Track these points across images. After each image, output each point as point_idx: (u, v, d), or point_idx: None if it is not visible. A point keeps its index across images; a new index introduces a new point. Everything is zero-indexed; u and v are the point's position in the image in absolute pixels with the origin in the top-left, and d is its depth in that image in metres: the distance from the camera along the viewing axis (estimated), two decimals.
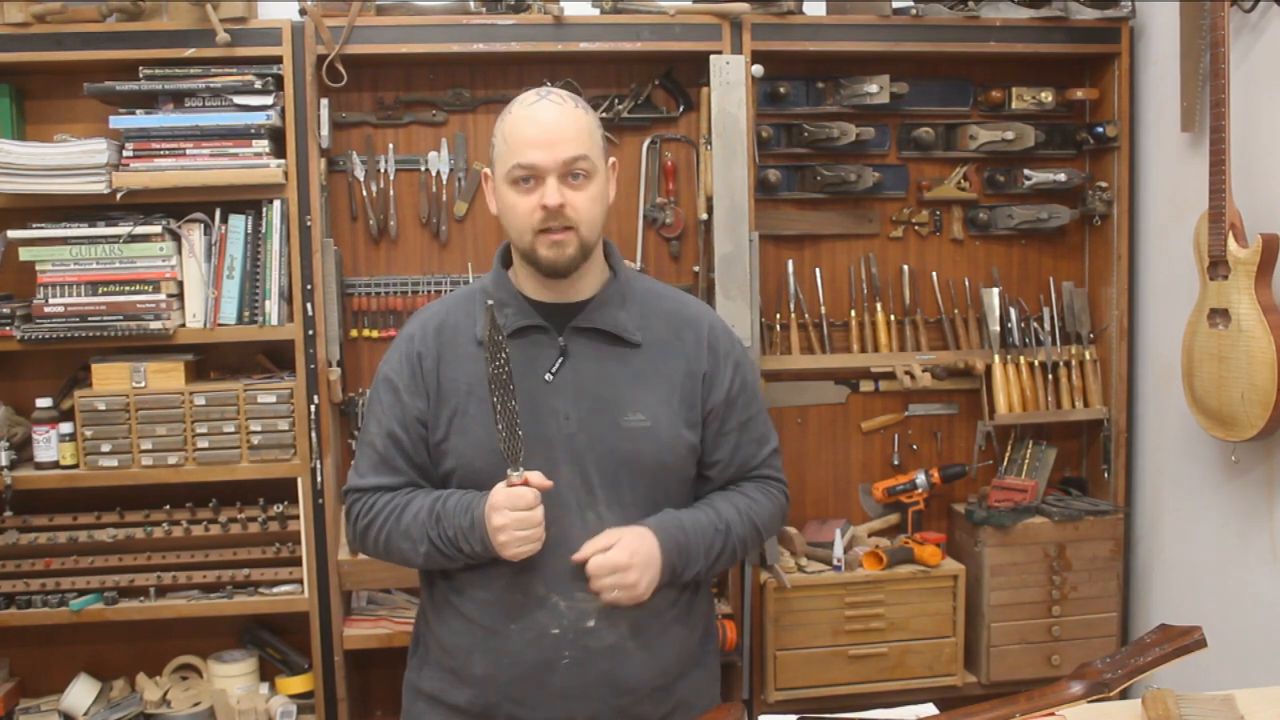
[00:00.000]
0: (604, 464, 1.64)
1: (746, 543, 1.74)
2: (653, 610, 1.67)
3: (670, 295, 1.79)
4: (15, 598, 2.72)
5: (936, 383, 3.08)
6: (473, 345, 1.67)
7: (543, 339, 1.67)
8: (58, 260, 2.64)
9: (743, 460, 1.77)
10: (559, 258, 1.61)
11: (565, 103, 1.63)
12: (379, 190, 2.96)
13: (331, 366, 2.76)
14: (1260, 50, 2.53)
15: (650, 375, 1.68)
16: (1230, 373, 2.49)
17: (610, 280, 1.72)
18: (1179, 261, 2.83)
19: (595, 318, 1.68)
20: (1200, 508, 2.83)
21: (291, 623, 2.90)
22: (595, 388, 1.65)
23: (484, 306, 1.58)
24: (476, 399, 1.64)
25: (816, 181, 3.03)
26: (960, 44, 2.94)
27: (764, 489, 1.79)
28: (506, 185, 1.62)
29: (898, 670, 2.96)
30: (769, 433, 1.82)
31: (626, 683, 1.66)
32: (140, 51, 2.64)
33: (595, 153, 1.62)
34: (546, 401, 1.64)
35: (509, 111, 1.65)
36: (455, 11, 2.79)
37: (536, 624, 1.64)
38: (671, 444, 1.68)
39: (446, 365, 1.68)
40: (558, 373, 1.65)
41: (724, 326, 1.80)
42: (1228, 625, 2.67)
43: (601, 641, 1.64)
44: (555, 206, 1.58)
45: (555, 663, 1.64)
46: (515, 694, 1.65)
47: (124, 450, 2.68)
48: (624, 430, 1.65)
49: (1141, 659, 1.43)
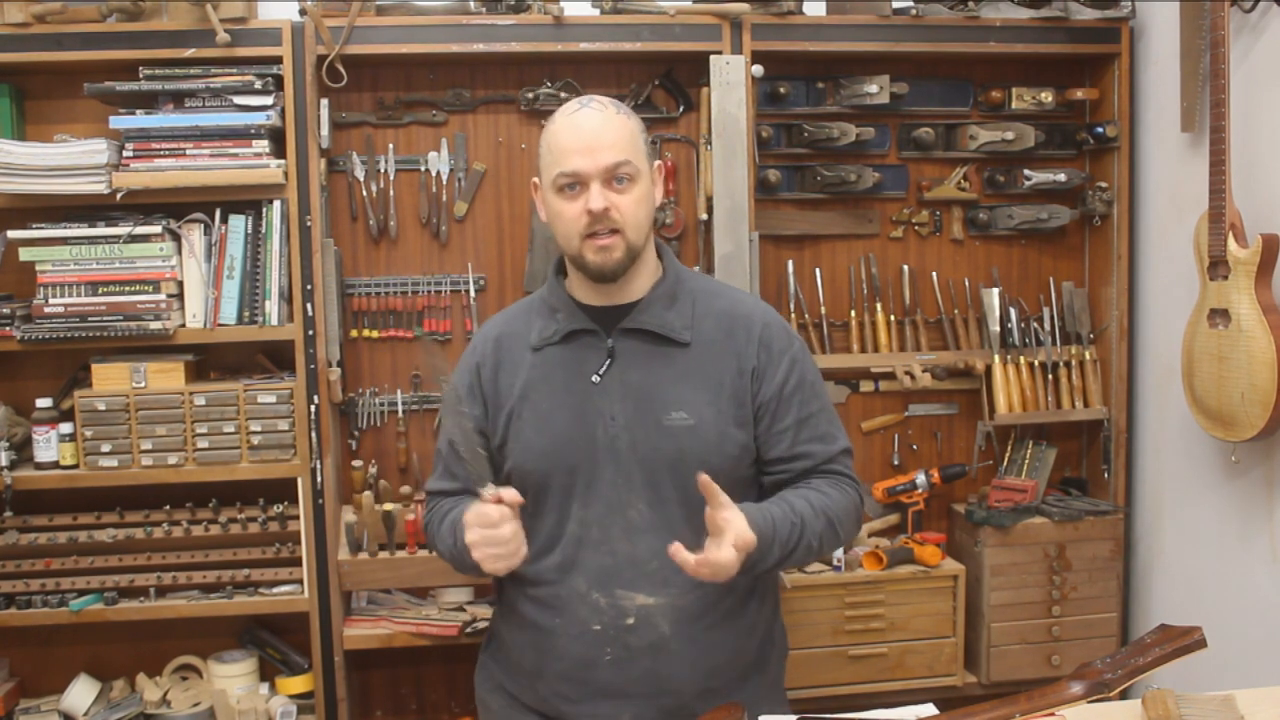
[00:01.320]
0: (646, 463, 1.66)
1: (823, 538, 1.69)
2: (693, 611, 1.68)
3: (725, 294, 1.81)
4: (15, 598, 2.72)
5: (936, 383, 3.08)
6: (527, 352, 1.73)
7: (592, 341, 1.70)
8: (58, 260, 2.64)
9: (806, 457, 1.74)
10: (606, 261, 1.64)
11: (606, 109, 1.65)
12: (379, 190, 2.96)
13: (331, 367, 2.76)
14: (1260, 50, 2.53)
15: (697, 374, 1.69)
16: (1230, 373, 2.49)
17: (661, 279, 1.74)
18: (1179, 261, 2.83)
19: (642, 318, 1.70)
20: (1200, 508, 2.83)
21: (291, 623, 2.90)
22: (640, 388, 1.67)
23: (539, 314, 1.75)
24: (529, 403, 1.70)
25: (816, 181, 3.03)
26: (960, 44, 2.94)
27: (835, 484, 1.75)
28: (553, 193, 1.65)
29: (898, 670, 2.96)
30: (836, 433, 1.78)
31: (670, 682, 1.67)
32: (140, 51, 2.64)
33: (638, 156, 1.64)
34: (593, 403, 1.67)
35: (552, 121, 1.68)
36: (455, 11, 2.79)
37: (579, 620, 1.66)
38: (717, 442, 1.68)
39: (504, 373, 1.74)
40: (605, 375, 1.68)
41: (781, 324, 1.79)
42: (1228, 625, 2.67)
43: (641, 639, 1.66)
44: (600, 210, 1.60)
45: (598, 659, 1.66)
46: (562, 689, 1.69)
47: (124, 450, 2.67)
48: (665, 429, 1.66)
49: (1141, 659, 1.43)
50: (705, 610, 1.69)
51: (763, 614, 1.80)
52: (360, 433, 2.99)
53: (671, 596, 1.65)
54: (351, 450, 3.00)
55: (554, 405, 1.67)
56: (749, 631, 1.76)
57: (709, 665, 1.70)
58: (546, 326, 1.73)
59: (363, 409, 2.97)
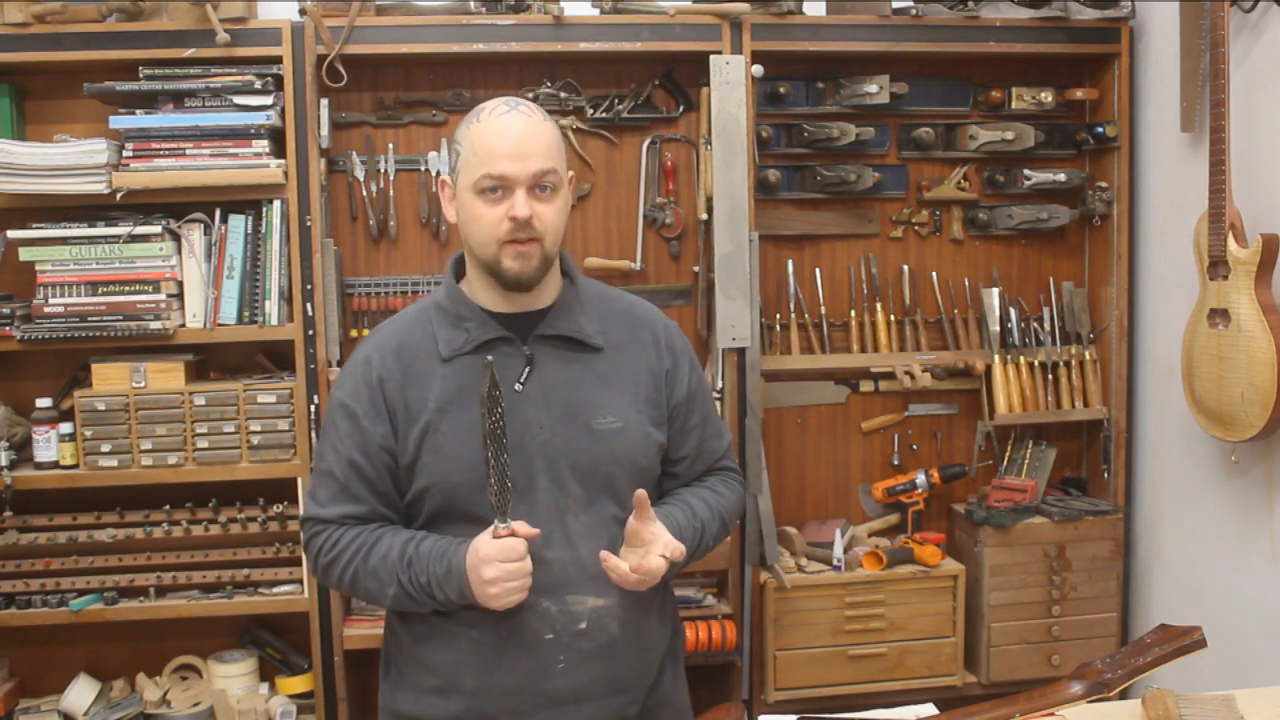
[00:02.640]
0: (579, 468, 1.65)
1: (717, 537, 1.77)
2: (641, 608, 1.69)
3: (619, 297, 1.81)
4: (15, 598, 2.72)
5: (936, 383, 3.08)
6: (436, 363, 1.66)
7: (508, 349, 1.66)
8: (58, 260, 2.64)
9: (708, 454, 1.80)
10: (524, 269, 1.61)
11: (534, 115, 1.62)
12: (379, 190, 2.96)
13: (331, 366, 2.76)
14: (1260, 50, 2.53)
15: (615, 378, 1.70)
16: (1230, 373, 2.49)
17: (567, 286, 1.73)
18: (1179, 261, 2.83)
19: (558, 324, 1.68)
20: (1200, 508, 2.83)
21: (291, 623, 2.90)
22: (564, 394, 1.66)
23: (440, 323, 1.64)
24: (449, 416, 1.63)
25: (816, 181, 3.03)
26: (960, 44, 2.94)
27: (725, 481, 1.83)
28: (473, 195, 1.60)
29: (898, 670, 2.96)
30: (722, 426, 1.88)
31: (620, 682, 1.67)
32: (140, 51, 2.64)
33: (561, 166, 1.63)
34: (519, 412, 1.63)
35: (476, 120, 1.63)
36: (455, 11, 2.79)
37: (529, 631, 1.63)
38: (643, 444, 1.69)
39: (412, 385, 1.66)
40: (526, 382, 1.66)
41: (675, 325, 1.83)
42: (1228, 625, 2.67)
43: (594, 642, 1.65)
44: (524, 218, 1.57)
45: (550, 668, 1.64)
46: (510, 704, 1.65)
47: (124, 450, 2.67)
48: (597, 433, 1.66)
49: (1141, 659, 1.43)
50: (645, 606, 1.71)
51: (673, 604, 1.85)
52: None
53: (618, 596, 1.66)
54: None
55: (477, 416, 1.57)
56: (668, 623, 1.80)
57: (649, 660, 1.73)
58: (455, 336, 1.66)
59: None
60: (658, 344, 1.75)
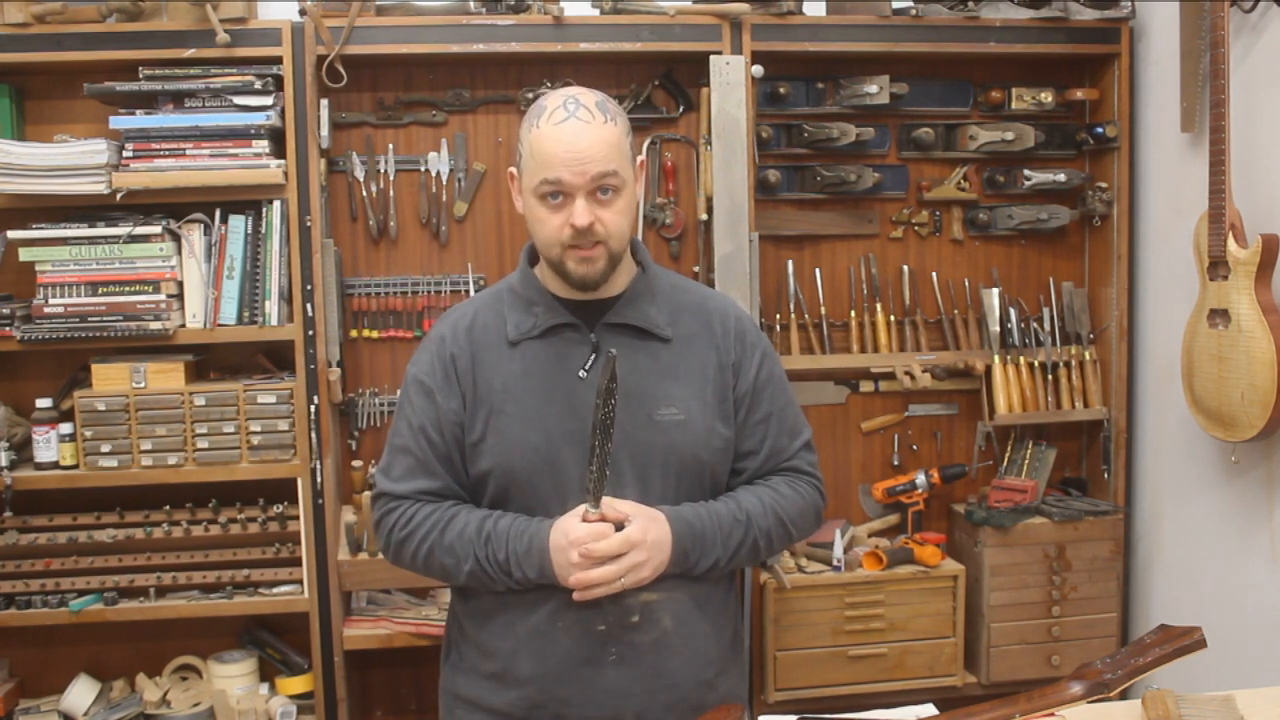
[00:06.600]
0: (637, 458, 1.64)
1: (771, 536, 1.71)
2: (696, 604, 1.68)
3: (694, 289, 1.80)
4: (15, 598, 2.72)
5: (936, 383, 3.08)
6: (505, 345, 1.68)
7: (575, 336, 1.67)
8: (58, 260, 2.64)
9: (774, 452, 1.75)
10: (589, 273, 1.62)
11: (594, 119, 1.60)
12: (379, 190, 2.96)
13: (331, 367, 2.76)
14: (1260, 50, 2.53)
15: (682, 369, 1.69)
16: (1230, 373, 2.49)
17: (639, 276, 1.73)
18: (1179, 261, 2.83)
19: (626, 313, 1.68)
20: (1200, 508, 2.83)
21: (291, 623, 2.90)
22: (628, 382, 1.64)
23: (511, 306, 1.66)
24: (513, 399, 1.65)
25: (816, 182, 3.03)
26: (960, 44, 2.94)
27: (792, 483, 1.77)
28: (535, 198, 1.62)
29: (898, 670, 2.96)
30: (801, 425, 1.81)
31: (672, 677, 1.67)
32: (140, 52, 2.64)
33: (624, 164, 1.61)
34: (582, 398, 1.63)
35: (536, 125, 1.62)
36: (455, 12, 2.79)
37: (582, 621, 1.63)
38: (706, 437, 1.68)
39: (481, 366, 1.68)
40: (591, 369, 1.66)
41: (749, 318, 1.81)
42: (1228, 625, 2.67)
43: (646, 636, 1.65)
44: (584, 226, 1.58)
45: (602, 659, 1.64)
46: (562, 694, 1.66)
47: (124, 450, 2.67)
48: (656, 424, 1.65)
49: (1141, 659, 1.43)
50: (700, 603, 1.70)
51: (734, 606, 1.83)
52: (360, 433, 2.99)
53: (671, 590, 1.65)
54: (351, 450, 3.00)
55: (541, 401, 1.63)
56: (728, 623, 1.78)
57: (705, 657, 1.71)
58: (523, 320, 1.68)
59: (362, 409, 2.97)
60: (728, 336, 1.73)
